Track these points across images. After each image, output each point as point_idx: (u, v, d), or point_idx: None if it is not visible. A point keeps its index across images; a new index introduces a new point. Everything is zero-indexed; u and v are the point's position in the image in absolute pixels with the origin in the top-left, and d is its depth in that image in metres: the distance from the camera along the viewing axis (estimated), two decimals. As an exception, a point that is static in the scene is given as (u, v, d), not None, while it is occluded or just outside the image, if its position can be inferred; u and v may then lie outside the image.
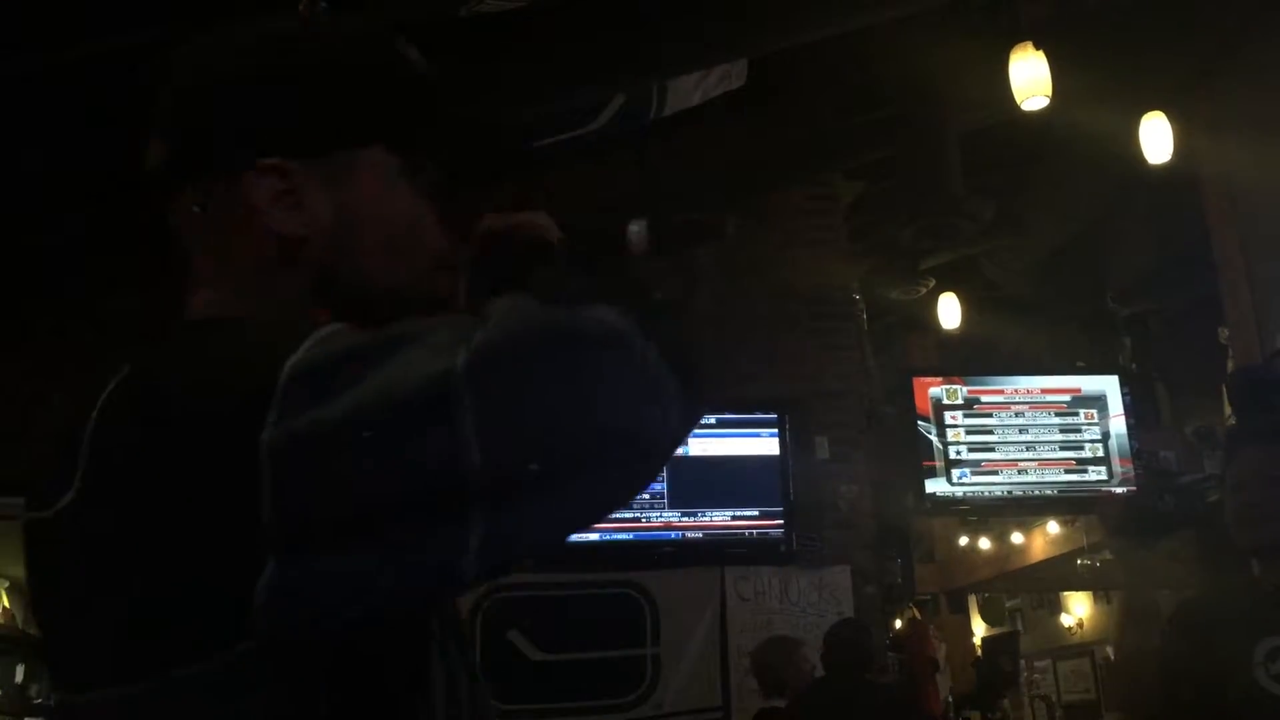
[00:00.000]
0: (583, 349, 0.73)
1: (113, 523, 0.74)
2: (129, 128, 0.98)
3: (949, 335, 7.14)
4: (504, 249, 0.95)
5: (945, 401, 5.86)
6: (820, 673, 4.50)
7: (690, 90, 4.08)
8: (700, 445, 5.33)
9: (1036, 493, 5.87)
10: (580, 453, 0.72)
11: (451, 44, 3.31)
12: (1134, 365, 6.90)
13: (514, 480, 0.70)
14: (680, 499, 5.23)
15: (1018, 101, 3.95)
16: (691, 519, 5.23)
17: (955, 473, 5.76)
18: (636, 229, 1.01)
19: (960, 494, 5.78)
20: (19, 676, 9.41)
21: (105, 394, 0.77)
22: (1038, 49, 3.90)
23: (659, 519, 5.21)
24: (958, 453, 5.79)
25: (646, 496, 5.22)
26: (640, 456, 0.76)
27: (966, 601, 11.22)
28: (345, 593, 0.71)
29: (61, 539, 0.77)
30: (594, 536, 5.12)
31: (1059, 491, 5.87)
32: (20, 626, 9.17)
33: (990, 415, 5.90)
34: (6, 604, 8.76)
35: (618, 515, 5.17)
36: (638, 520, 5.19)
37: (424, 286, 0.92)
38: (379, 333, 0.74)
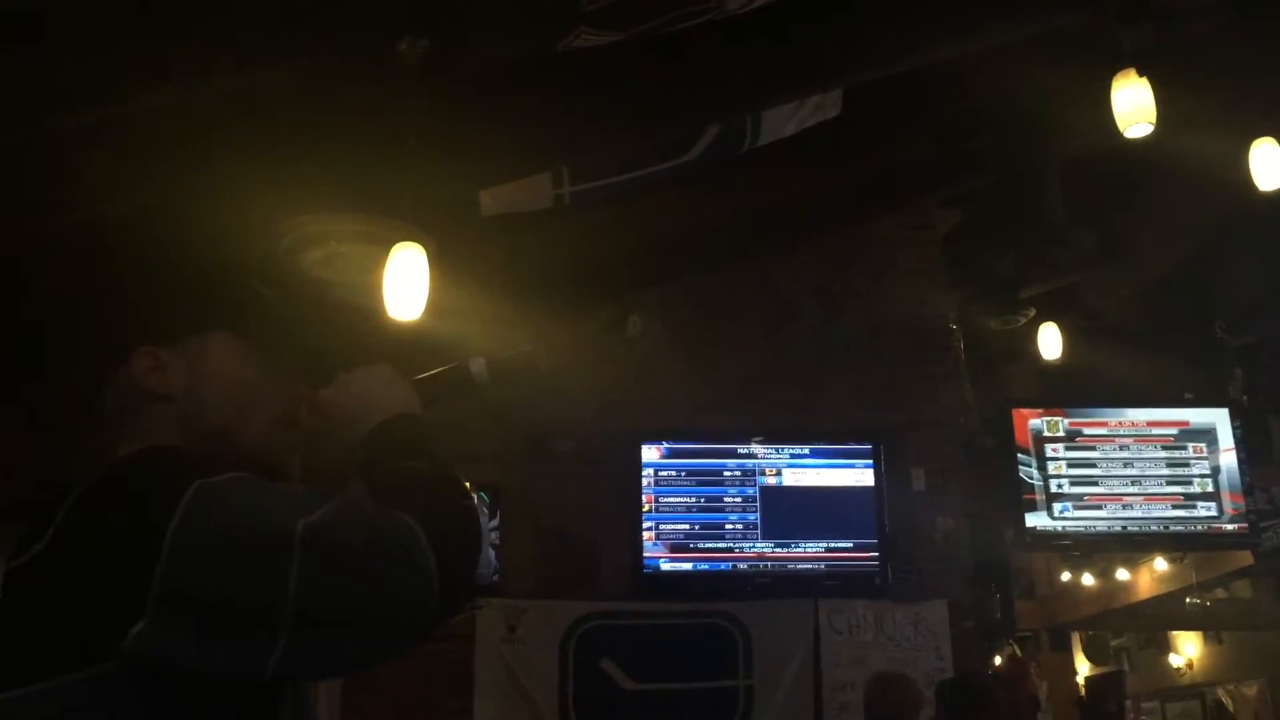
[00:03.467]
0: (385, 554, 1.07)
1: (57, 566, 1.08)
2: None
3: (1049, 366, 6.99)
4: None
5: (1046, 433, 5.74)
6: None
7: (784, 121, 4.09)
8: (794, 475, 5.30)
9: (1142, 528, 5.71)
10: (364, 622, 1.06)
11: (542, 78, 3.37)
12: (1244, 397, 6.68)
13: (312, 623, 1.02)
14: (773, 530, 5.20)
15: (1120, 129, 3.87)
16: (785, 550, 5.19)
17: (1056, 507, 5.63)
18: (478, 368, 1.42)
19: (1062, 529, 5.65)
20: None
21: (79, 491, 1.12)
22: (1140, 76, 3.82)
23: (752, 550, 5.18)
24: (1059, 486, 5.66)
25: (740, 527, 5.20)
26: (406, 632, 1.10)
27: (1069, 639, 10.94)
28: (184, 655, 1.03)
29: (27, 576, 1.11)
30: (687, 566, 5.12)
31: (1166, 527, 5.71)
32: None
33: (1093, 448, 5.76)
34: None
35: (711, 545, 5.16)
36: (730, 551, 5.18)
37: (264, 438, 1.31)
38: (267, 484, 1.15)
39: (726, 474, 5.28)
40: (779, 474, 5.30)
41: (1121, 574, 9.32)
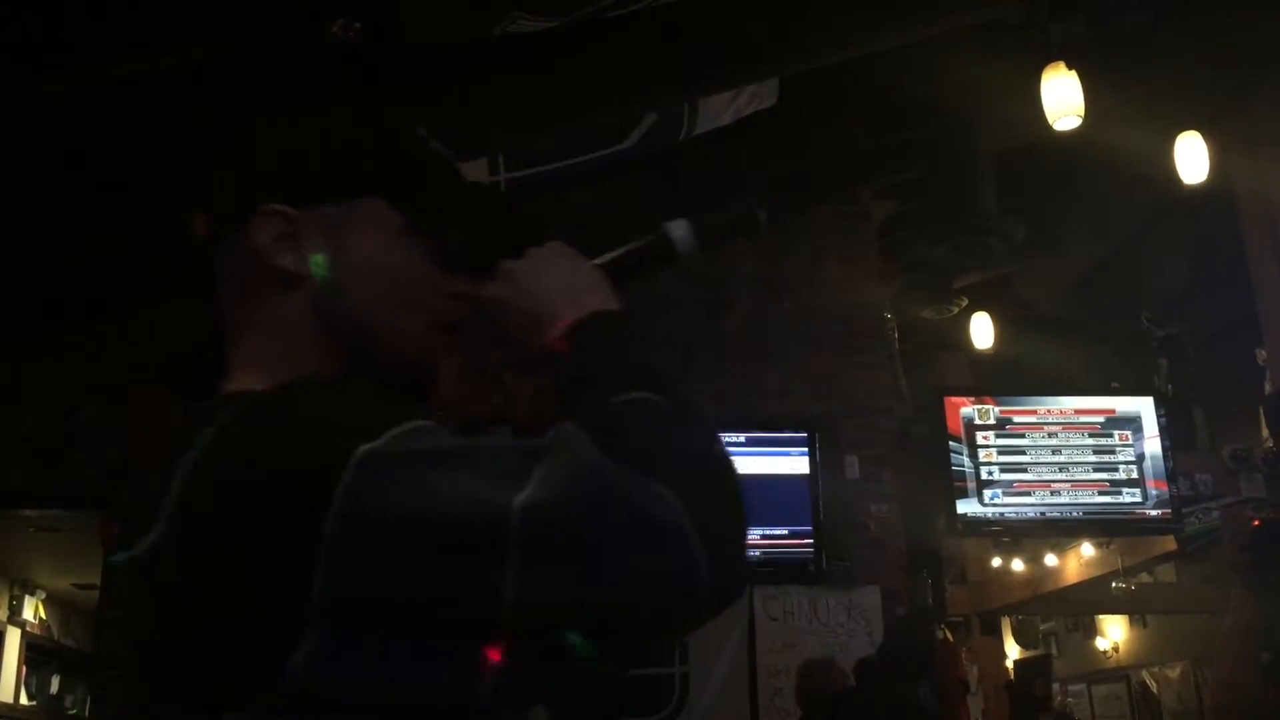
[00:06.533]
0: (637, 542, 0.76)
1: (187, 568, 0.79)
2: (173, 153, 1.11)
3: (981, 355, 7.10)
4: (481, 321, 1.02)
5: (977, 421, 5.83)
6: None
7: (721, 109, 4.10)
8: (730, 463, 5.31)
9: (1070, 514, 5.82)
10: (609, 625, 0.76)
11: (486, 63, 3.34)
12: (1169, 386, 6.83)
13: (538, 630, 0.75)
14: (709, 517, 5.21)
15: (1050, 122, 3.93)
16: (720, 537, 5.20)
17: (987, 493, 5.72)
18: (680, 232, 1.05)
19: (992, 515, 5.74)
20: (54, 687, 9.50)
21: (206, 439, 0.81)
22: (1070, 69, 3.88)
23: (688, 537, 5.19)
24: (989, 473, 5.75)
25: (675, 514, 5.21)
26: (665, 634, 0.82)
27: (999, 624, 11.10)
28: (368, 683, 0.75)
29: (145, 575, 0.82)
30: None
31: (1092, 513, 5.82)
32: (57, 638, 9.26)
33: (1023, 435, 5.86)
34: (44, 615, 8.86)
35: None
36: (666, 538, 5.18)
37: (419, 340, 0.98)
38: (451, 443, 0.80)
39: (663, 462, 5.28)
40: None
41: (1050, 559, 9.47)
